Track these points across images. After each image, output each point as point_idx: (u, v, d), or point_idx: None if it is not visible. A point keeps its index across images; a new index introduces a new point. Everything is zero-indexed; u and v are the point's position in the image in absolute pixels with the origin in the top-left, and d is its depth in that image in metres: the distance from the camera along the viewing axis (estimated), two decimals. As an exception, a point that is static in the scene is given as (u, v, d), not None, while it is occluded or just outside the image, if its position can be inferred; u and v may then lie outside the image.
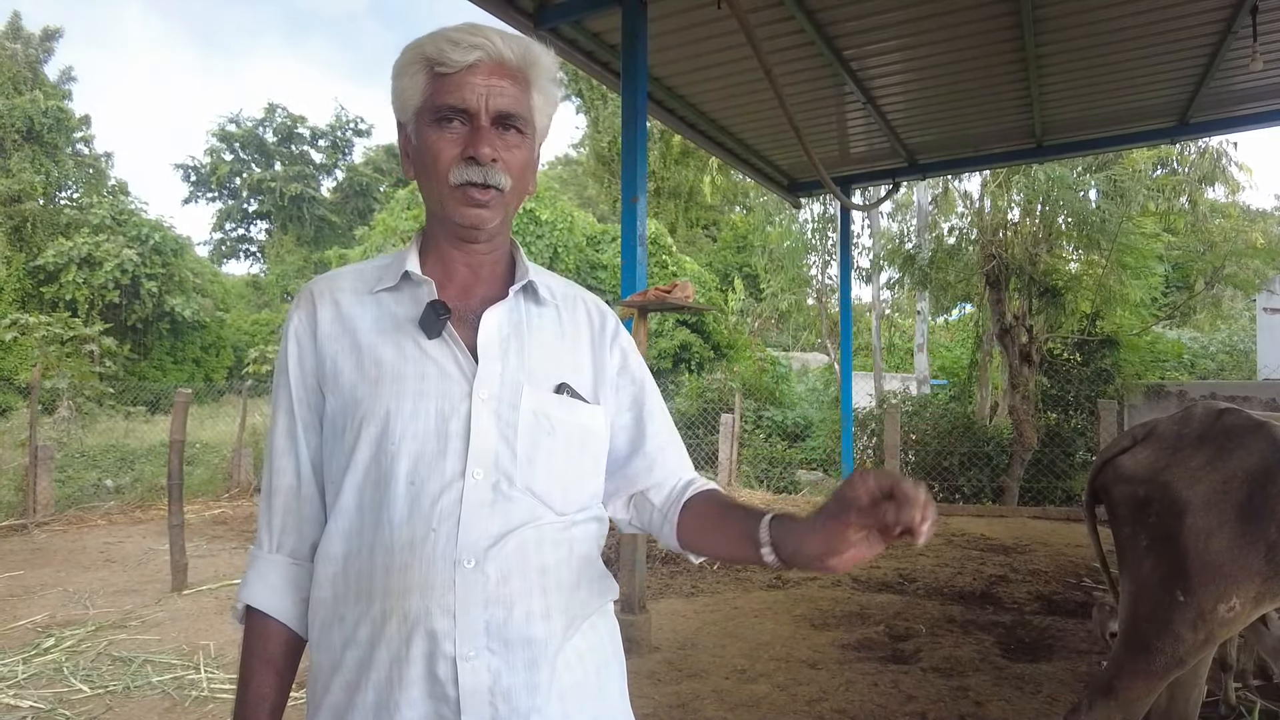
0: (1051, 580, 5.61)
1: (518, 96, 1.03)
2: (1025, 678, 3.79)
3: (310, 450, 1.07)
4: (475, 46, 1.01)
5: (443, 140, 1.02)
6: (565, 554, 1.03)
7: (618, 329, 1.19)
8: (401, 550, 0.96)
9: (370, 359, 1.03)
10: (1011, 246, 9.64)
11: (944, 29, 5.64)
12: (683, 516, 1.12)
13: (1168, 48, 5.91)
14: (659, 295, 4.02)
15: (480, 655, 0.94)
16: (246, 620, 1.06)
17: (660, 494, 1.15)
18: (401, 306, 1.06)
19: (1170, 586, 2.24)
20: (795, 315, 15.62)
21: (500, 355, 1.04)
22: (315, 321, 1.07)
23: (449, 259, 1.09)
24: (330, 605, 1.00)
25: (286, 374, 1.08)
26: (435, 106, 1.02)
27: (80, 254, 19.58)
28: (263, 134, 36.43)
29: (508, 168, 1.03)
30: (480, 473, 0.98)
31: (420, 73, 1.03)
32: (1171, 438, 2.49)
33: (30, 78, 22.37)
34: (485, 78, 1.01)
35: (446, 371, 1.01)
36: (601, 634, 1.09)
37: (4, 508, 7.92)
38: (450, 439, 0.98)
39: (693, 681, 3.76)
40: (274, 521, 1.07)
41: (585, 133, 29.38)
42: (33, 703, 3.56)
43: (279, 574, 1.06)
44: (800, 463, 12.49)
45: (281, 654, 1.05)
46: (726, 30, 5.34)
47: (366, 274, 1.11)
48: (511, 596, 0.96)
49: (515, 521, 0.99)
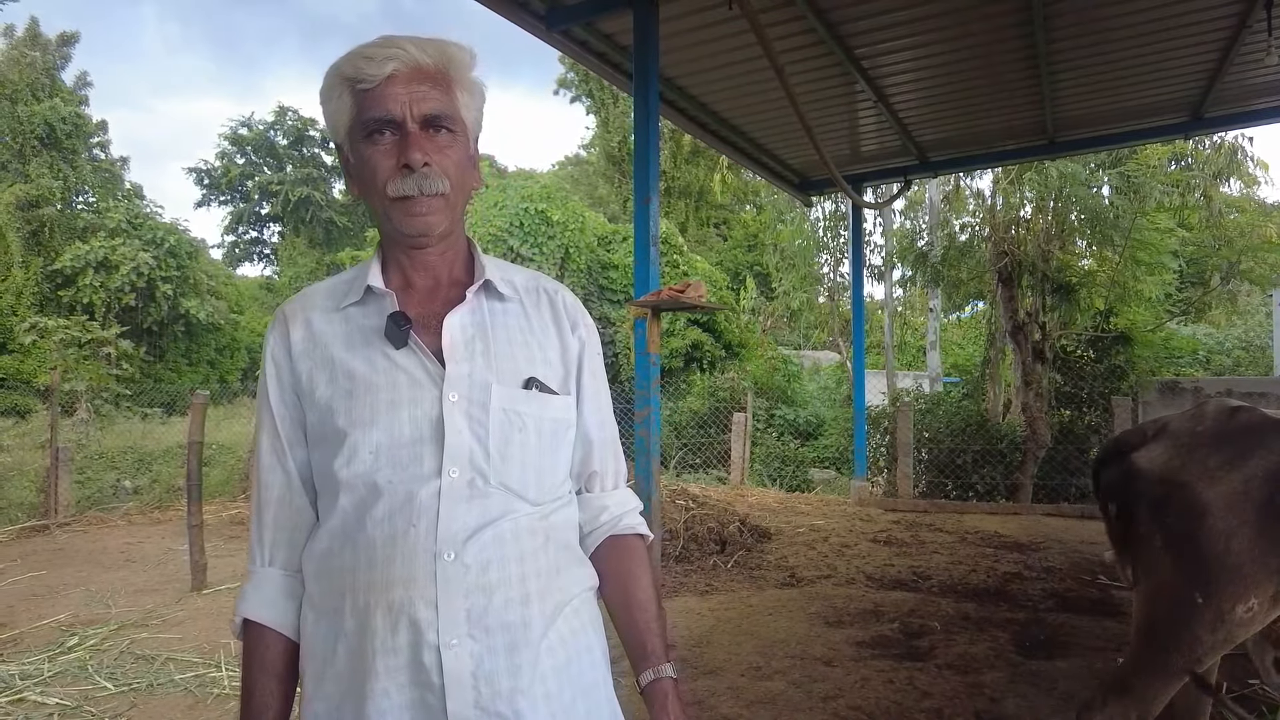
0: (1066, 577, 5.59)
1: (440, 98, 1.05)
2: (1040, 675, 3.79)
3: (298, 464, 1.11)
4: (389, 58, 1.03)
5: (376, 153, 1.04)
6: (542, 541, 1.07)
7: (578, 315, 1.21)
8: (384, 545, 1.00)
9: (343, 373, 1.07)
10: (1024, 243, 9.60)
11: (955, 26, 5.63)
12: (600, 554, 1.19)
13: (1181, 42, 5.88)
14: (672, 295, 4.04)
15: (462, 642, 0.98)
16: (245, 633, 1.10)
17: (590, 506, 1.19)
18: (369, 320, 1.10)
19: (1189, 587, 2.24)
20: (806, 314, 15.58)
21: (466, 357, 1.07)
22: (289, 342, 1.11)
23: (406, 268, 1.12)
24: (319, 601, 1.05)
25: (267, 394, 1.12)
26: (363, 122, 1.04)
27: (97, 258, 19.78)
28: (273, 137, 36.67)
29: (443, 170, 1.05)
30: (456, 471, 1.02)
31: (344, 93, 1.05)
32: (1186, 435, 2.49)
33: (48, 84, 22.61)
34: (405, 85, 1.03)
35: (416, 379, 1.05)
36: (584, 618, 1.12)
37: (26, 508, 8.03)
38: (425, 443, 1.03)
39: (708, 679, 3.78)
40: (265, 536, 1.12)
41: (595, 133, 29.41)
42: (59, 699, 3.63)
43: (274, 586, 1.10)
44: (812, 461, 12.49)
45: (282, 663, 1.09)
46: (737, 30, 5.35)
47: (336, 290, 1.15)
48: (491, 584, 1.01)
49: (492, 515, 1.03)
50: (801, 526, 7.53)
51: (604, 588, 1.17)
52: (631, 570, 1.17)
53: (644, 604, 1.15)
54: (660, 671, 1.10)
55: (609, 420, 1.23)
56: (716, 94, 6.80)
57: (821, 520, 7.91)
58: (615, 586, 1.17)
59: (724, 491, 9.54)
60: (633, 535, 1.21)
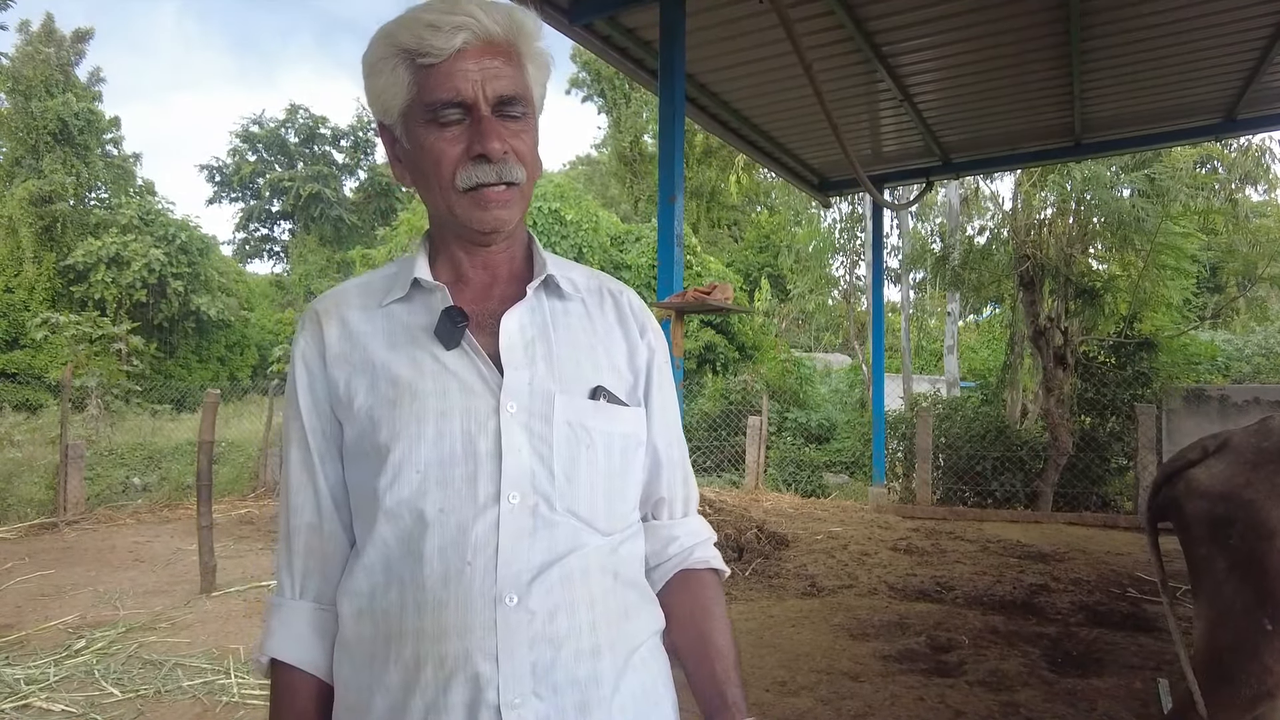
0: (1095, 590, 5.44)
1: (514, 75, 0.92)
2: (1077, 693, 3.65)
3: (330, 483, 0.97)
4: (459, 27, 0.88)
5: (442, 140, 0.90)
6: (612, 582, 0.94)
7: (646, 320, 1.07)
8: (434, 587, 0.87)
9: (385, 378, 0.93)
10: (1046, 246, 9.44)
11: (986, 23, 5.50)
12: (669, 590, 1.05)
13: (1219, 41, 5.73)
14: (698, 297, 3.92)
15: (527, 702, 0.85)
16: (273, 674, 0.97)
17: (656, 536, 1.05)
18: (415, 318, 0.96)
19: (1256, 613, 2.11)
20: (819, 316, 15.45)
21: (527, 362, 0.94)
22: (323, 343, 0.97)
23: (461, 262, 0.99)
24: (356, 647, 0.92)
25: (297, 403, 0.98)
26: (427, 104, 0.90)
27: (109, 254, 19.83)
28: (285, 135, 36.73)
29: (519, 157, 0.92)
30: (517, 496, 0.89)
31: (400, 67, 0.90)
32: (1251, 451, 2.35)
33: (62, 80, 22.63)
34: (477, 61, 0.89)
35: (469, 385, 0.92)
36: (654, 670, 0.99)
37: (35, 506, 7.96)
38: (480, 461, 0.89)
39: (732, 694, 3.66)
40: (295, 564, 0.98)
41: (607, 133, 29.32)
42: (65, 706, 3.53)
43: (304, 622, 0.96)
44: (826, 465, 12.35)
45: (314, 709, 0.96)
46: (762, 26, 5.24)
47: (374, 286, 1.01)
48: (559, 635, 0.88)
49: (559, 550, 0.90)
50: (819, 533, 7.40)
51: (672, 629, 1.03)
52: (707, 609, 1.03)
53: (722, 650, 1.00)
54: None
55: (679, 439, 1.08)
56: (739, 91, 6.68)
57: (839, 527, 7.78)
58: (686, 628, 1.02)
59: (739, 495, 9.42)
60: (706, 570, 1.06)
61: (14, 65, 21.60)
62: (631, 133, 26.72)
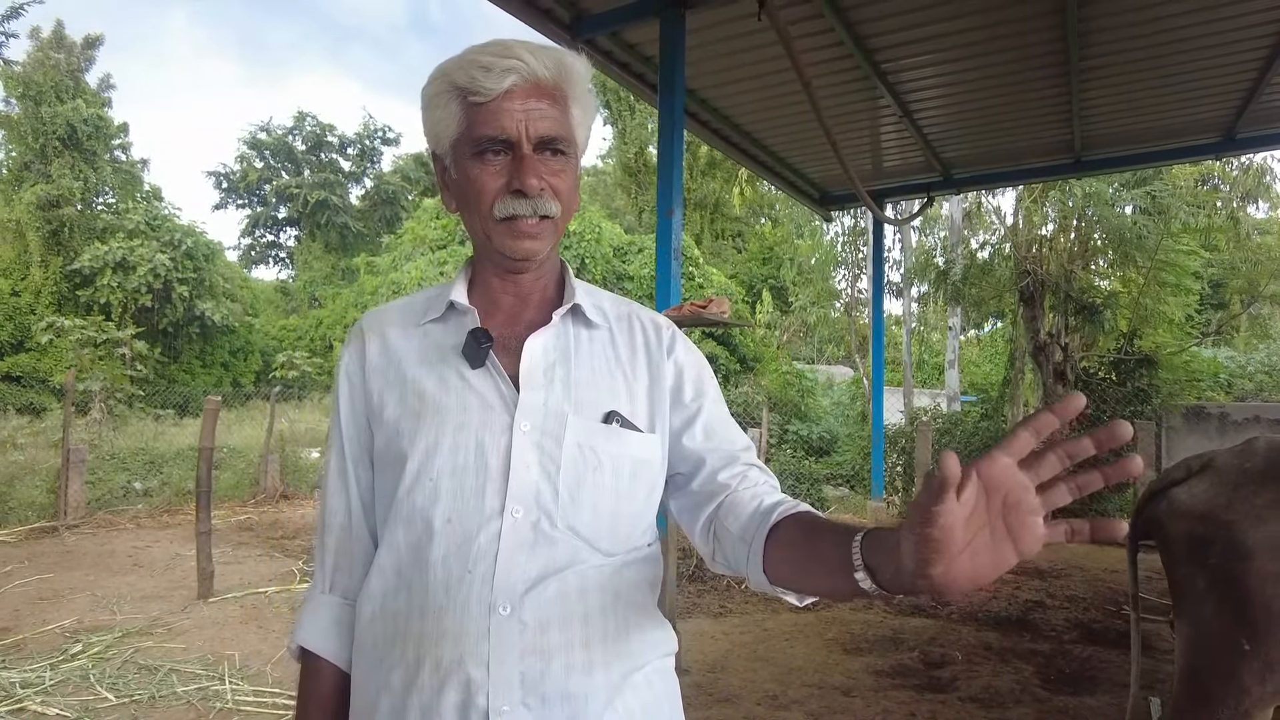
0: (1090, 607, 5.45)
1: (558, 117, 0.98)
2: (1070, 712, 3.66)
3: (361, 489, 1.05)
4: (509, 70, 0.94)
5: (485, 173, 0.97)
6: (611, 600, 0.96)
7: (674, 340, 1.10)
8: (436, 592, 0.92)
9: (413, 391, 1.00)
10: (1047, 262, 9.47)
11: (986, 41, 5.53)
12: (769, 548, 0.92)
13: (1217, 60, 5.75)
14: (694, 311, 3.95)
15: (515, 710, 0.89)
16: (301, 661, 1.06)
17: (738, 519, 0.97)
18: (447, 338, 1.03)
19: (1234, 634, 2.13)
20: (821, 328, 15.47)
21: (544, 384, 0.99)
22: (364, 357, 1.06)
23: (495, 287, 1.06)
24: (368, 648, 0.98)
25: (338, 412, 1.07)
26: (474, 139, 0.96)
27: (115, 258, 19.90)
28: (292, 142, 36.91)
29: (556, 193, 0.98)
30: (520, 510, 0.93)
31: (453, 102, 0.97)
32: (1233, 472, 2.37)
33: (71, 86, 22.80)
34: (523, 102, 0.95)
35: (488, 402, 0.97)
36: (657, 691, 1.00)
37: (35, 509, 8.00)
38: (490, 474, 0.94)
39: (724, 707, 3.67)
40: (327, 561, 1.06)
41: (612, 144, 29.43)
42: (59, 710, 3.56)
43: (329, 615, 1.04)
44: (826, 478, 12.34)
45: (333, 696, 1.03)
46: (763, 42, 5.27)
47: (415, 306, 1.09)
48: (549, 648, 0.91)
49: (557, 564, 0.93)
50: (816, 546, 7.40)
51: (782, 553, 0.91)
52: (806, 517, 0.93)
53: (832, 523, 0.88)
54: (865, 526, 0.80)
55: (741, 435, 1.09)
56: (739, 106, 6.72)
57: (837, 540, 7.77)
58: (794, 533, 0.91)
59: (737, 508, 9.41)
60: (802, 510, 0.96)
61: (24, 70, 21.76)
62: (636, 144, 26.82)
